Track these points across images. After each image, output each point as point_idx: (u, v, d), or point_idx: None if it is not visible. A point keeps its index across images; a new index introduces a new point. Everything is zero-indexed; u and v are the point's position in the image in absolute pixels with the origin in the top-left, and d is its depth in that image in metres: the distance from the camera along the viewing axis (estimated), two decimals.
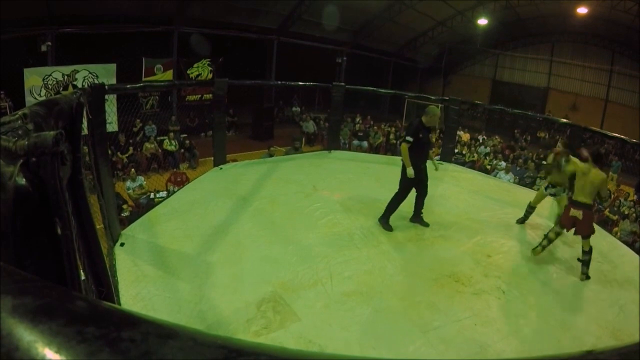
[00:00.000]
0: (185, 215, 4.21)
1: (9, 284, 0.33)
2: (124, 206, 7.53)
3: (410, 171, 4.00)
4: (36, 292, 0.33)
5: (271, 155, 7.65)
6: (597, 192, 3.86)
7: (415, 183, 4.13)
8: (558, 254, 4.05)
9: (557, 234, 3.96)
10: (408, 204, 4.42)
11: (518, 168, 10.78)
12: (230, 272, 3.32)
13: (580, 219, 3.83)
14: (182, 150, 11.00)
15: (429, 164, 4.42)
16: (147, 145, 10.75)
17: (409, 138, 3.98)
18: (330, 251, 3.70)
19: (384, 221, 4.20)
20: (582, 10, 14.26)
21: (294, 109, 16.59)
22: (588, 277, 3.71)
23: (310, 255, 3.62)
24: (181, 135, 11.64)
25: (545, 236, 3.98)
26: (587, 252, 3.79)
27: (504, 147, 13.44)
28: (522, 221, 4.75)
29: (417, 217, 4.36)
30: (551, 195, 4.74)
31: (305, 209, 4.49)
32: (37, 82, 9.74)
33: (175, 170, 9.61)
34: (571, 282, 3.61)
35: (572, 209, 3.88)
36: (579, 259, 3.82)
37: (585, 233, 3.83)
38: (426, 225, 4.32)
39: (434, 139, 13.31)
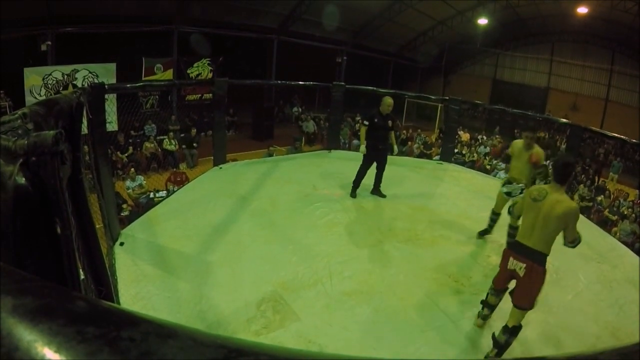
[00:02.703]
0: (185, 214, 4.21)
1: (9, 284, 0.33)
2: (124, 205, 7.53)
3: (363, 148, 4.78)
4: (36, 292, 0.33)
5: (271, 155, 7.65)
6: (562, 232, 2.49)
7: (373, 160, 4.82)
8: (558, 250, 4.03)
9: (499, 293, 2.77)
10: (405, 205, 4.41)
11: None
12: (230, 272, 3.32)
13: (520, 276, 2.51)
14: (193, 142, 11.10)
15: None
16: (147, 144, 10.75)
17: (365, 122, 4.82)
18: (330, 251, 3.70)
19: (352, 191, 4.91)
20: (582, 10, 14.26)
21: (294, 108, 16.58)
22: None
23: (310, 254, 3.62)
24: (192, 129, 11.68)
25: (484, 302, 2.87)
26: (509, 331, 2.52)
27: (504, 147, 13.45)
28: (485, 232, 4.09)
29: (376, 190, 4.99)
30: (506, 194, 3.72)
31: (305, 209, 4.49)
32: (37, 81, 9.74)
33: (175, 169, 9.61)
34: (571, 282, 3.60)
35: (511, 258, 2.57)
36: (494, 337, 2.58)
37: (521, 302, 2.53)
38: (383, 196, 4.93)
39: (436, 137, 13.38)
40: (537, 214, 2.49)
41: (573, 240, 2.54)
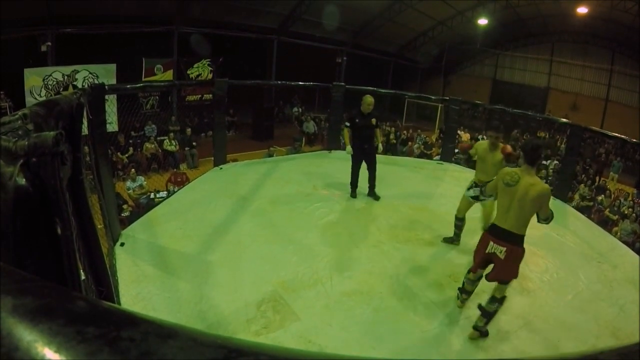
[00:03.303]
0: (186, 215, 4.21)
1: (9, 284, 0.33)
2: (124, 206, 7.54)
3: (349, 149, 4.76)
4: (36, 292, 0.33)
5: (271, 155, 7.65)
6: (536, 212, 2.63)
7: (360, 159, 4.80)
8: (559, 250, 4.04)
9: (474, 282, 2.95)
10: (405, 206, 4.40)
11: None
12: (230, 272, 3.32)
13: (501, 258, 2.64)
14: (192, 142, 11.16)
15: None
16: (147, 145, 10.76)
17: (346, 123, 4.81)
18: (330, 251, 3.70)
19: (351, 191, 4.93)
20: (582, 10, 14.26)
21: (294, 109, 16.59)
22: (484, 334, 2.73)
23: (310, 255, 3.62)
24: (187, 129, 11.71)
25: (461, 289, 3.05)
26: (498, 301, 2.71)
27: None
28: (451, 240, 3.97)
29: (371, 192, 4.93)
30: (473, 198, 3.67)
31: (305, 209, 4.49)
32: (37, 82, 9.75)
33: (175, 170, 9.62)
34: (571, 282, 3.60)
35: (490, 242, 2.69)
36: (480, 306, 2.76)
37: (504, 278, 2.70)
38: (377, 198, 4.86)
39: (436, 138, 13.38)
40: (511, 198, 2.60)
41: (546, 218, 2.68)
